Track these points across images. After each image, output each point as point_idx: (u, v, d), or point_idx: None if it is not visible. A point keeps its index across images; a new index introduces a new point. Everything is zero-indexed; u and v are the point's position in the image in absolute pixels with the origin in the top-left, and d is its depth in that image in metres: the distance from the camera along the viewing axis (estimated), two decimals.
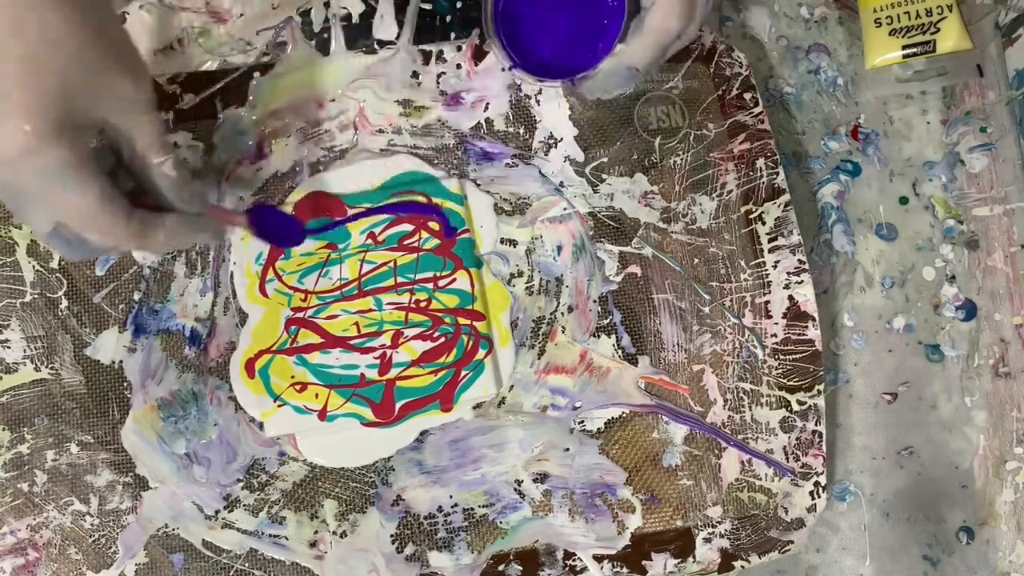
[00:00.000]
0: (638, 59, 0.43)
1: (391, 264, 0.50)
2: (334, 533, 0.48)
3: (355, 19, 0.53)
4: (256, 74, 0.52)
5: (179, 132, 0.51)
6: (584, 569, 0.49)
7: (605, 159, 0.53)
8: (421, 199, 0.51)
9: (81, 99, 0.35)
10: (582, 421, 0.51)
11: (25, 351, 0.48)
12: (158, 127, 0.39)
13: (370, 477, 0.49)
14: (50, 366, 0.48)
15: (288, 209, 0.50)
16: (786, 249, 0.53)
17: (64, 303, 0.49)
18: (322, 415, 0.49)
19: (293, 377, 0.49)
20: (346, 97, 0.52)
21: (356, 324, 0.50)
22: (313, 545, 0.48)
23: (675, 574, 0.50)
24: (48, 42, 0.34)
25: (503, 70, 0.52)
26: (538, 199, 0.52)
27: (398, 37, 0.53)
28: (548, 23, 0.46)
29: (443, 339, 0.50)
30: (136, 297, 0.49)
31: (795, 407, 0.52)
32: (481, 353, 0.50)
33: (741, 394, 0.52)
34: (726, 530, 0.50)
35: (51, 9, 0.34)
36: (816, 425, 0.52)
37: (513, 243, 0.52)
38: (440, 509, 0.49)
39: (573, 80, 0.46)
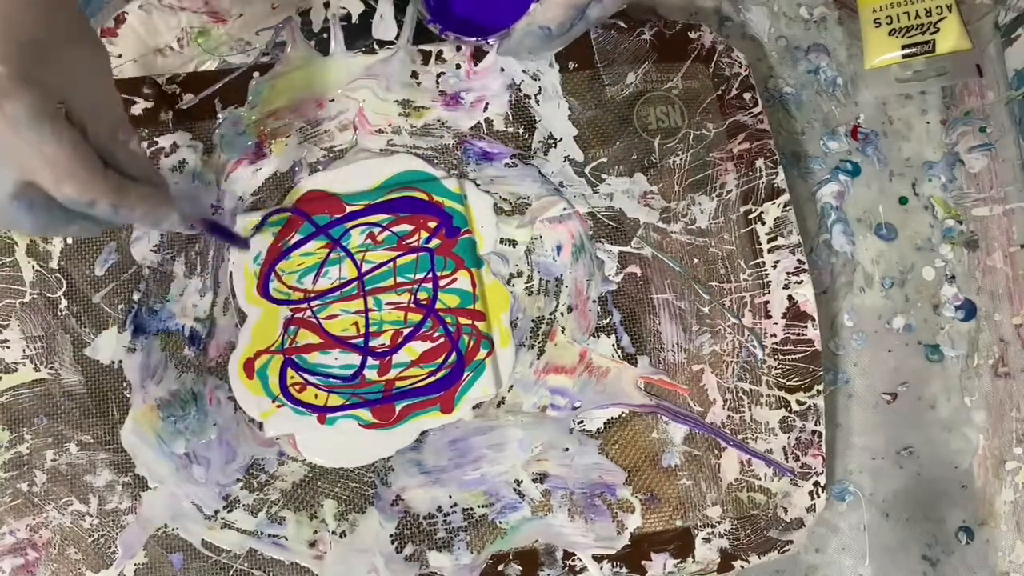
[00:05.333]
0: (550, 19, 0.43)
1: (391, 264, 0.51)
2: (333, 533, 0.48)
3: (355, 19, 0.53)
4: (256, 74, 0.52)
5: (178, 132, 0.51)
6: (583, 569, 0.49)
7: (605, 159, 0.53)
8: (422, 196, 0.51)
9: (49, 55, 0.35)
10: (581, 421, 0.51)
11: (25, 351, 0.48)
12: (121, 104, 0.39)
13: (369, 477, 0.49)
14: (50, 366, 0.48)
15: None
16: (785, 249, 0.53)
17: (63, 303, 0.49)
18: (321, 416, 0.49)
19: (292, 378, 0.49)
20: (345, 97, 0.52)
21: (355, 324, 0.50)
22: (312, 545, 0.48)
23: (674, 574, 0.50)
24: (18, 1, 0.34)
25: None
26: (538, 199, 0.52)
27: (397, 37, 0.53)
28: None
29: (443, 339, 0.50)
30: (135, 297, 0.49)
31: (795, 407, 0.52)
32: (482, 353, 0.50)
33: (740, 394, 0.52)
34: (725, 530, 0.50)
35: None
36: (815, 425, 0.52)
37: (513, 243, 0.52)
38: (439, 509, 0.49)
39: (489, 39, 0.46)
